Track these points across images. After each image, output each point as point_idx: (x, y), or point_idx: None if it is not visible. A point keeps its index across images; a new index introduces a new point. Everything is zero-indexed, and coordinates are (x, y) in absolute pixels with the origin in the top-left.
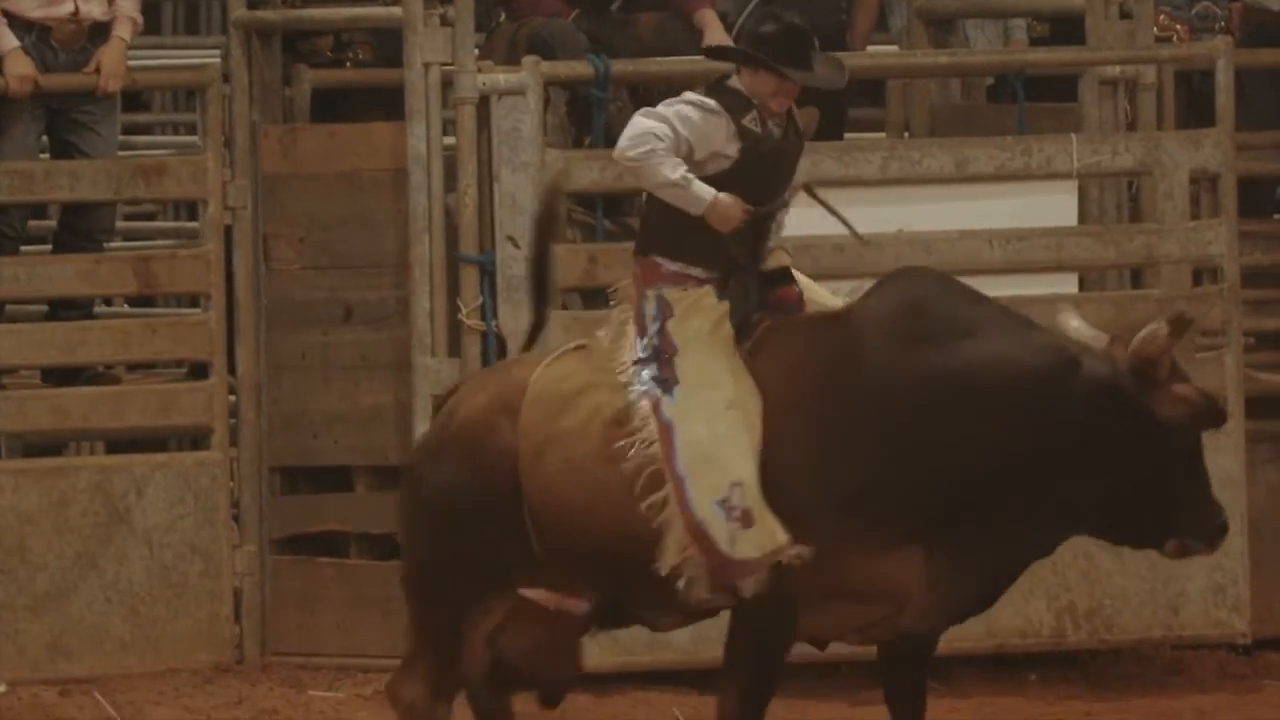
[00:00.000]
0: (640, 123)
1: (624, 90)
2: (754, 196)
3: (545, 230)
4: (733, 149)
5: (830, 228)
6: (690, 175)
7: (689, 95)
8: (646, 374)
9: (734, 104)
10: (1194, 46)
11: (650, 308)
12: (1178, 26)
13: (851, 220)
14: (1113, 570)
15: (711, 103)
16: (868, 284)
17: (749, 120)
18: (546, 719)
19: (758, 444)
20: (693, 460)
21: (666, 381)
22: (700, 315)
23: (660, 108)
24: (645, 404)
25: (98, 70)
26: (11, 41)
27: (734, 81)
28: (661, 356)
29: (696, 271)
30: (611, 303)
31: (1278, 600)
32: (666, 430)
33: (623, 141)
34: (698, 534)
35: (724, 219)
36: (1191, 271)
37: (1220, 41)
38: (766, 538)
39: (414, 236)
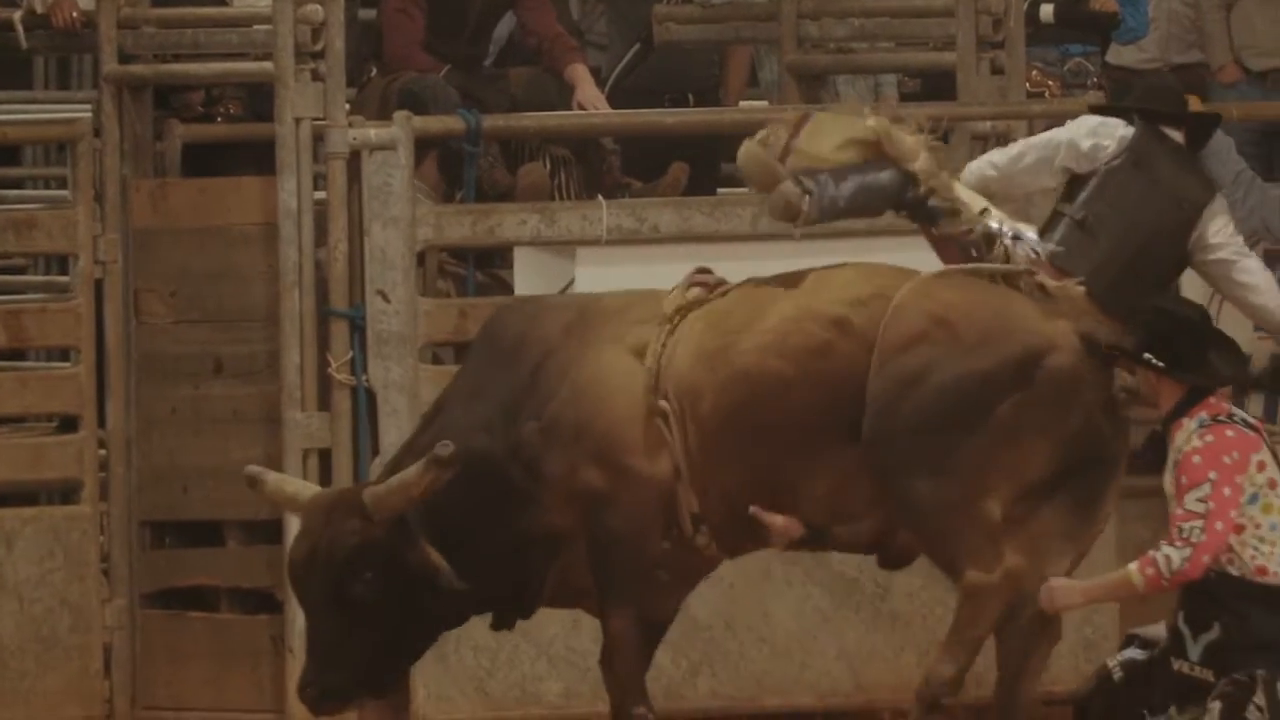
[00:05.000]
0: None
1: (495, 145)
2: None
3: None
4: None
5: None
6: None
7: None
8: None
9: None
10: (1065, 102)
11: None
12: (1049, 82)
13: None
14: None
15: None
16: None
17: None
18: None
19: None
20: None
21: None
22: None
23: None
24: None
25: None
26: None
27: None
28: None
29: None
30: None
31: None
32: None
33: None
34: None
35: None
36: None
37: (1091, 97)
38: None
39: (284, 290)
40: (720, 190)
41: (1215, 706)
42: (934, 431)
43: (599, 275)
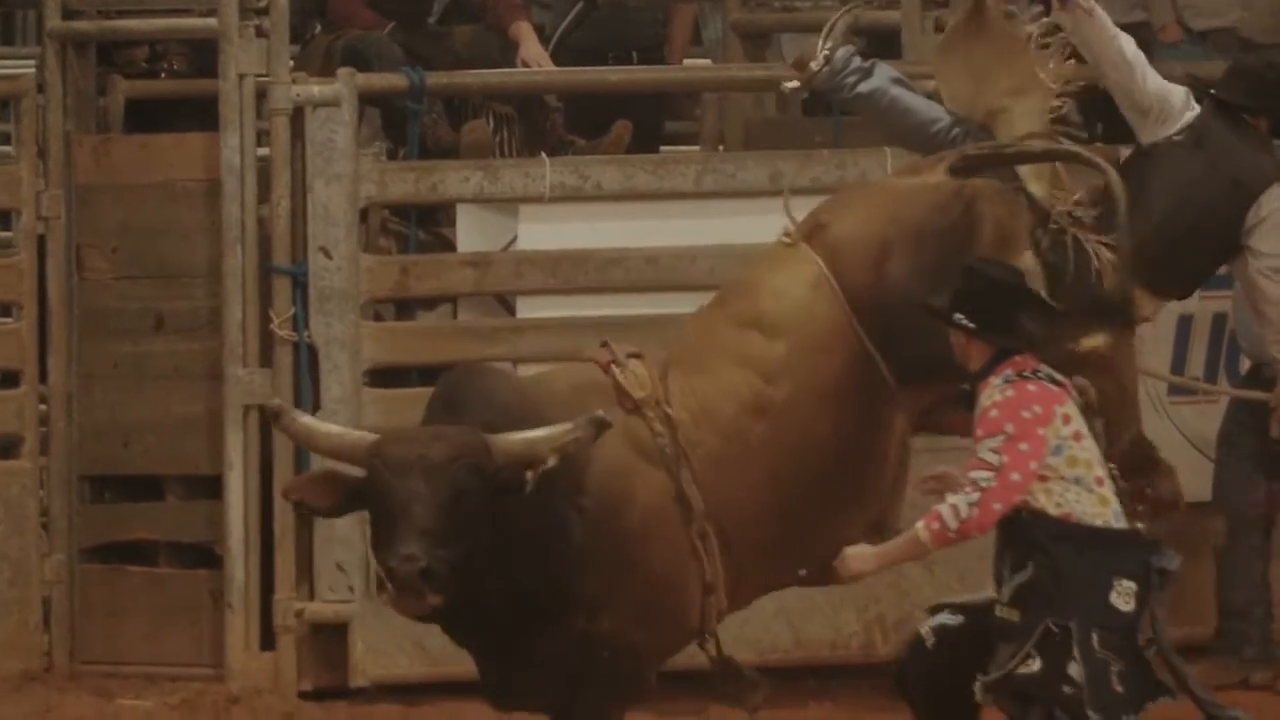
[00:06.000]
0: None
1: (439, 102)
2: None
3: None
4: None
5: (644, 239)
6: None
7: None
8: None
9: None
10: None
11: None
12: None
13: (667, 233)
14: (921, 582)
15: None
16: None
17: None
18: None
19: None
20: None
21: None
22: None
23: None
24: None
25: None
26: None
27: None
28: None
29: None
30: None
31: None
32: None
33: None
34: None
35: None
36: None
37: None
38: None
39: (227, 247)
40: (663, 148)
41: (1035, 664)
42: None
43: (542, 232)
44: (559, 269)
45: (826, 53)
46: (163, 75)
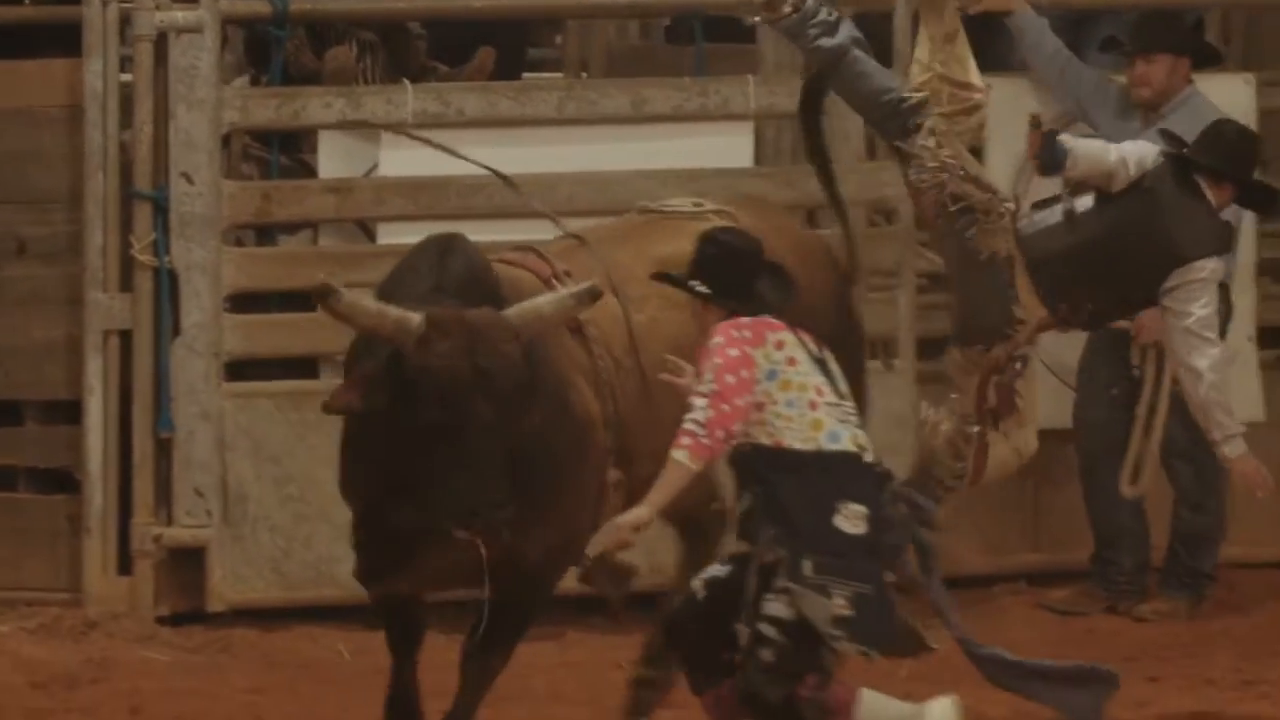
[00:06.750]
0: None
1: (302, 29)
2: None
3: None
4: None
5: (506, 166)
6: None
7: None
8: None
9: None
10: None
11: None
12: None
13: (529, 160)
14: None
15: None
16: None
17: None
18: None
19: None
20: None
21: None
22: None
23: None
24: None
25: None
26: None
27: None
28: None
29: None
30: None
31: (946, 538)
32: None
33: None
34: None
35: None
36: (866, 212)
37: None
38: None
39: (88, 172)
40: (526, 75)
41: (751, 581)
42: None
43: (404, 159)
44: (420, 195)
45: (797, 0)
46: (26, 1)
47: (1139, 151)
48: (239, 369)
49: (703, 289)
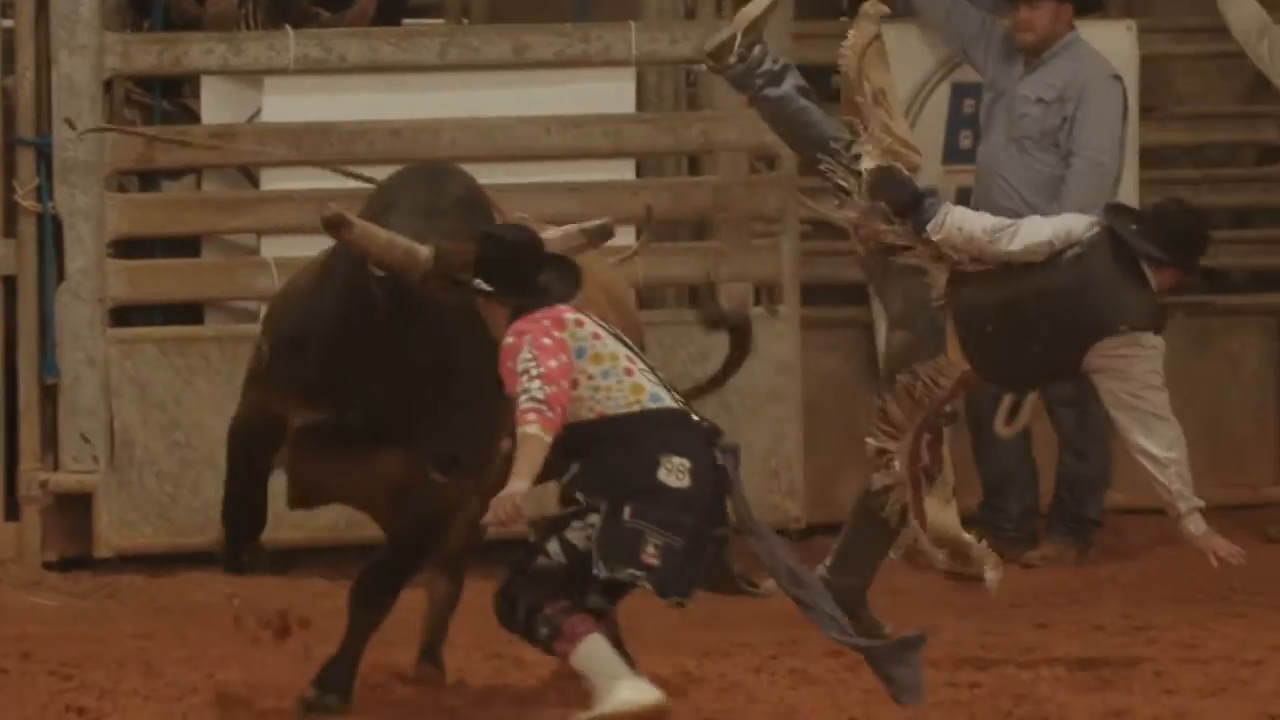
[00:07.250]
0: None
1: None
2: None
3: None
4: None
5: (388, 112)
6: None
7: None
8: None
9: None
10: None
11: None
12: None
13: (411, 106)
14: None
15: None
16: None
17: None
18: (103, 607)
19: None
20: None
21: None
22: None
23: None
24: None
25: None
26: None
27: None
28: None
29: None
30: None
31: (831, 486)
32: None
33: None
34: None
35: None
36: (749, 158)
37: None
38: None
39: None
40: (407, 21)
41: (563, 511)
42: None
43: (286, 104)
44: (303, 141)
45: (742, 51)
46: None
47: (1065, 225)
48: (124, 315)
49: (484, 287)
